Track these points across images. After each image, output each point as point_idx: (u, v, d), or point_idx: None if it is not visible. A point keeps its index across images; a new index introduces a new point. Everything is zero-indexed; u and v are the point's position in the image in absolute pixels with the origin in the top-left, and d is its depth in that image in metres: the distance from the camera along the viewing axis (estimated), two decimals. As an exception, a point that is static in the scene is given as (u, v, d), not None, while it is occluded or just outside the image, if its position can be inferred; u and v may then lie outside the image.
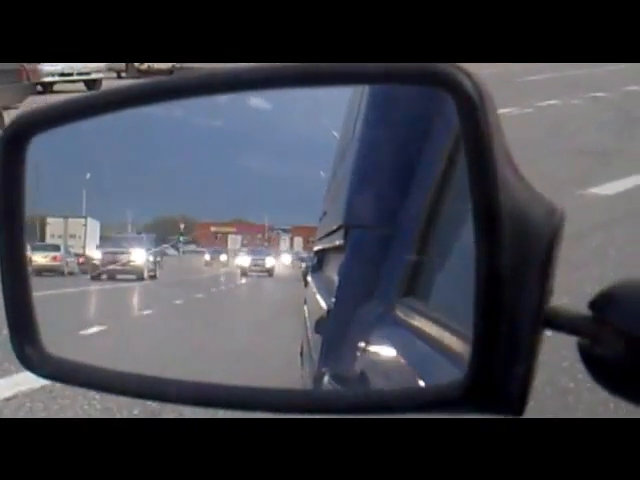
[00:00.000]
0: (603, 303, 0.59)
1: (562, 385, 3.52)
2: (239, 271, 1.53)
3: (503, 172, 0.57)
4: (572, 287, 1.91)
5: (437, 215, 0.95)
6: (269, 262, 1.50)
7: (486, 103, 0.58)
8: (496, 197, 0.56)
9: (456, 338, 0.78)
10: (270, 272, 1.49)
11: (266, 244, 1.44)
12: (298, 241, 1.38)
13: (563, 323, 0.59)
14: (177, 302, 1.58)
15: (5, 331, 0.69)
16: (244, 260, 1.53)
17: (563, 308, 0.59)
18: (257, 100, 1.09)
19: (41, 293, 0.76)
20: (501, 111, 0.63)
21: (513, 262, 0.57)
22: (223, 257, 1.53)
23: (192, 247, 1.51)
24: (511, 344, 0.58)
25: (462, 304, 0.74)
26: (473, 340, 0.61)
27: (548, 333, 0.62)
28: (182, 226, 1.48)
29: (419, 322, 0.95)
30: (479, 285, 0.59)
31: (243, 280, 1.54)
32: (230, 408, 0.65)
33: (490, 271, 0.57)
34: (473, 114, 0.57)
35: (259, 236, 1.45)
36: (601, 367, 0.58)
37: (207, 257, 1.55)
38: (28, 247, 0.73)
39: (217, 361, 1.24)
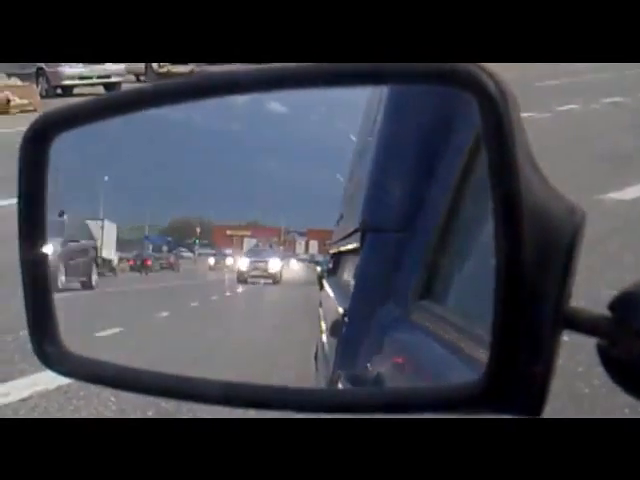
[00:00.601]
0: (622, 304, 0.59)
1: (577, 391, 3.50)
2: (235, 277, 1.26)
3: (525, 172, 0.57)
4: (589, 291, 1.90)
5: (454, 218, 0.94)
6: (274, 265, 1.24)
7: (509, 103, 0.58)
8: (517, 197, 0.56)
9: (472, 341, 0.78)
10: (275, 279, 1.24)
11: (281, 247, 1.27)
12: (314, 244, 1.38)
13: (582, 324, 0.59)
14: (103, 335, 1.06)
15: (22, 332, 0.69)
16: (241, 263, 1.27)
17: (582, 309, 0.59)
18: (274, 104, 1.10)
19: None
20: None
21: (533, 262, 0.57)
22: (229, 260, 1.33)
23: (208, 250, 1.48)
24: (530, 344, 0.58)
25: (479, 306, 0.74)
26: (491, 341, 0.61)
27: (564, 337, 0.62)
28: (198, 230, 1.47)
29: (435, 325, 0.95)
30: (498, 285, 0.59)
31: (240, 289, 1.25)
32: (252, 407, 0.65)
33: (510, 271, 0.57)
34: (496, 115, 0.57)
35: (275, 239, 1.44)
36: (620, 368, 0.58)
37: (211, 261, 1.34)
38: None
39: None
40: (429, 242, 1.01)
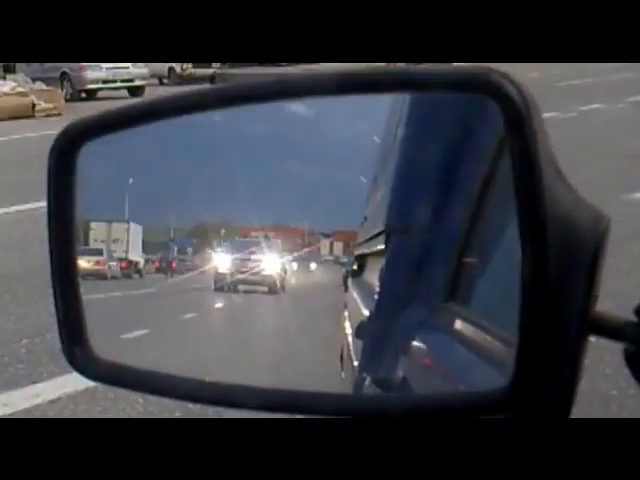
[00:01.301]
0: None
1: (605, 392, 3.48)
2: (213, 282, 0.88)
3: (549, 179, 0.57)
4: (616, 293, 1.89)
5: (479, 220, 0.95)
6: (269, 266, 0.89)
7: (532, 111, 0.58)
8: (542, 203, 0.56)
9: (499, 343, 0.78)
10: (271, 287, 0.87)
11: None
12: (338, 246, 1.38)
13: (608, 329, 0.59)
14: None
15: (49, 335, 0.70)
16: (220, 261, 0.92)
17: (608, 314, 0.59)
18: (296, 105, 1.10)
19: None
20: (545, 115, 0.63)
21: (559, 267, 0.57)
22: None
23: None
24: (556, 349, 0.58)
25: (505, 309, 0.74)
26: (518, 345, 0.61)
27: (591, 339, 0.62)
28: (222, 232, 1.47)
29: (461, 327, 0.96)
30: (524, 290, 0.59)
31: (218, 303, 0.87)
32: (283, 411, 0.66)
33: (536, 276, 0.57)
34: (520, 123, 0.57)
35: (299, 241, 1.43)
36: None
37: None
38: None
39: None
40: (454, 245, 1.01)
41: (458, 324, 0.96)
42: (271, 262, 0.92)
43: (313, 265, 1.13)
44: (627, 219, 5.20)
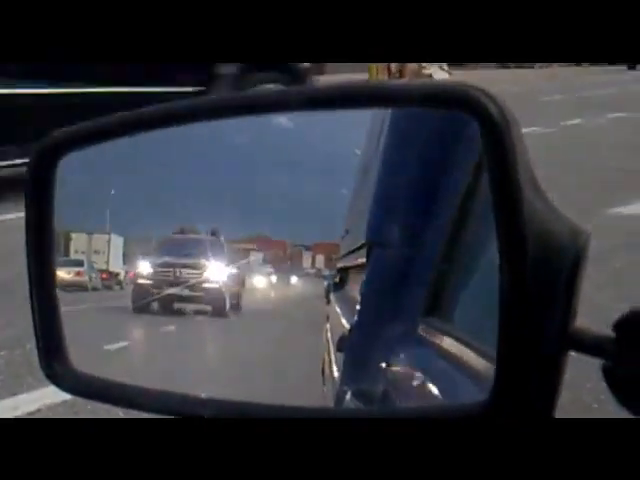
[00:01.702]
0: (627, 324, 0.59)
1: (587, 406, 3.49)
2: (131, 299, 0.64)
3: (527, 194, 0.57)
4: (594, 308, 1.89)
5: (461, 234, 0.95)
6: (214, 273, 0.67)
7: (510, 127, 0.58)
8: (520, 218, 0.57)
9: (480, 357, 0.78)
10: (217, 305, 0.64)
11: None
12: (320, 258, 1.38)
13: (587, 344, 0.59)
14: None
15: (29, 345, 0.69)
16: (142, 266, 0.68)
17: (587, 329, 0.59)
18: (279, 118, 1.10)
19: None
20: (525, 130, 0.63)
21: (538, 282, 0.57)
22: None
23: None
24: (535, 364, 0.58)
25: (485, 323, 0.74)
26: (497, 360, 0.61)
27: (572, 353, 0.62)
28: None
29: (442, 341, 0.96)
30: (503, 306, 0.59)
31: (136, 332, 0.63)
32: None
33: (515, 291, 0.58)
34: (498, 139, 0.57)
35: (280, 253, 1.42)
36: (625, 389, 0.58)
37: None
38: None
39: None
40: (435, 258, 1.02)
41: (439, 338, 0.96)
42: (215, 270, 0.62)
43: (294, 278, 1.09)
44: (606, 233, 5.22)
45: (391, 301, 1.06)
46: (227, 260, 0.75)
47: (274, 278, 1.13)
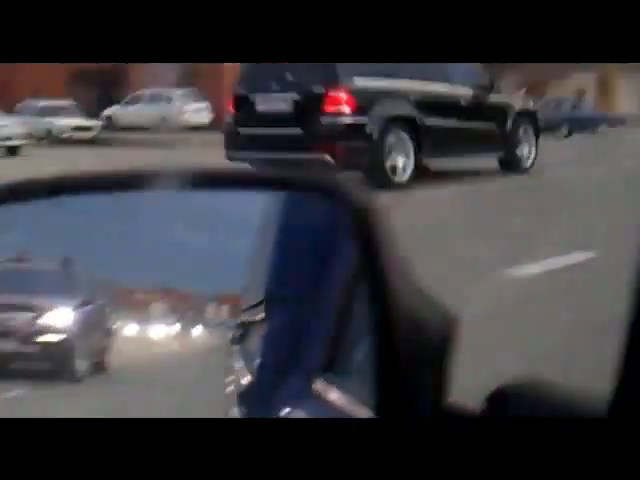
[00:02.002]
0: (497, 398, 0.63)
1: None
2: None
3: (398, 284, 0.61)
4: (477, 375, 1.81)
5: (350, 300, 0.98)
6: (56, 319, 0.53)
7: (376, 220, 0.62)
8: (388, 306, 0.60)
9: (370, 412, 0.81)
10: (60, 367, 0.52)
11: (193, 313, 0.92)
12: (224, 310, 1.39)
13: (460, 418, 0.63)
14: None
15: None
16: None
17: (459, 404, 0.63)
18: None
19: None
20: (417, 193, 0.67)
21: (410, 363, 0.61)
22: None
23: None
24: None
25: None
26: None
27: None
28: None
29: (337, 398, 0.98)
30: (378, 384, 0.63)
31: None
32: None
33: (387, 372, 0.61)
34: (365, 235, 0.61)
35: (185, 304, 1.42)
36: None
37: None
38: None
39: None
40: (332, 316, 1.05)
41: (334, 395, 0.99)
42: (59, 313, 0.51)
43: (198, 328, 1.10)
44: (498, 295, 5.01)
45: (289, 358, 1.09)
46: (79, 301, 0.58)
47: (177, 327, 1.14)
